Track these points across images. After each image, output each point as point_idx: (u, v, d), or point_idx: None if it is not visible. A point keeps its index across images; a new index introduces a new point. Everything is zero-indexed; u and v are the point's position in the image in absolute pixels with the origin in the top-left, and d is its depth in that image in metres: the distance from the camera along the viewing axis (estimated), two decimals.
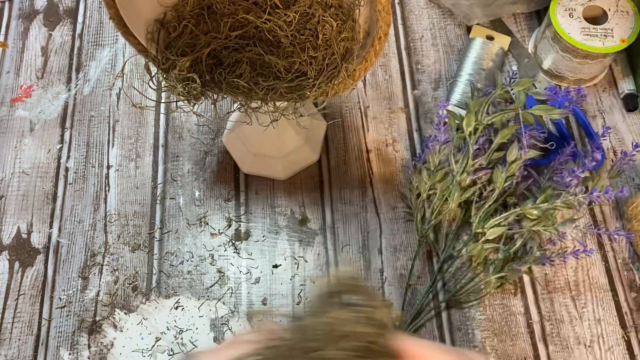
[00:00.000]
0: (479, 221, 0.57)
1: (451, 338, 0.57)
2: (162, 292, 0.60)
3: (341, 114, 0.68)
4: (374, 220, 0.62)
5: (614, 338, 0.57)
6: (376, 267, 0.60)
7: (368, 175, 0.64)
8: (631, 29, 0.63)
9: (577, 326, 0.57)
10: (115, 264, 0.61)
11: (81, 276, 0.60)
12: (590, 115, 0.67)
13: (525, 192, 0.59)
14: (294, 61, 0.42)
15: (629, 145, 0.65)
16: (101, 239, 0.62)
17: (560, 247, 0.60)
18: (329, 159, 0.65)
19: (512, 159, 0.55)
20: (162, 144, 0.67)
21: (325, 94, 0.45)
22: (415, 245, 0.61)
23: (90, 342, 0.58)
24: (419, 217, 0.59)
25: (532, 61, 0.70)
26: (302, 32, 0.42)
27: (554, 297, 0.58)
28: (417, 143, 0.66)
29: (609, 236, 0.61)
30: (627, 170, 0.64)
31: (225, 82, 0.45)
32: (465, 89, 0.66)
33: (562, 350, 0.56)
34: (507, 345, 0.57)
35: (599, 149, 0.58)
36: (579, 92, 0.55)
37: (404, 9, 0.74)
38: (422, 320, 0.58)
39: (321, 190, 0.64)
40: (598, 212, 0.62)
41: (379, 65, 0.70)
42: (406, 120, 0.67)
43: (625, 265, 0.60)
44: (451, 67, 0.70)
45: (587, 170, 0.55)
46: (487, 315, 0.58)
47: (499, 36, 0.70)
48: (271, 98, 0.45)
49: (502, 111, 0.55)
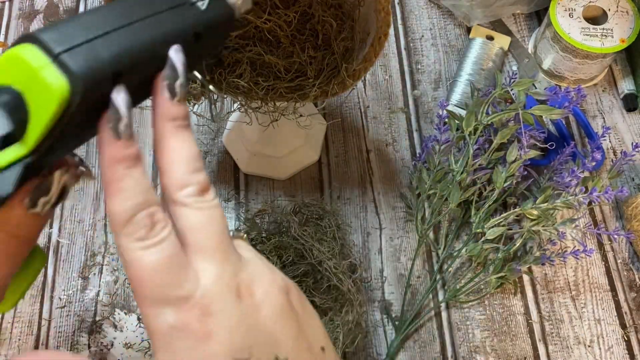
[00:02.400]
0: (478, 221, 0.57)
1: (451, 338, 0.57)
2: None
3: (341, 114, 0.68)
4: (374, 220, 0.62)
5: (614, 338, 0.57)
6: (376, 267, 0.60)
7: (368, 175, 0.64)
8: (631, 29, 0.63)
9: (577, 326, 0.57)
10: (115, 264, 0.61)
11: (81, 276, 0.60)
12: (590, 116, 0.67)
13: (525, 192, 0.59)
14: (294, 61, 0.42)
15: (629, 145, 0.65)
16: (101, 239, 0.62)
17: (560, 247, 0.60)
18: (329, 159, 0.65)
19: (512, 159, 0.55)
20: None
21: (325, 94, 0.45)
22: (415, 245, 0.61)
23: (90, 342, 0.58)
24: (418, 217, 0.59)
25: (532, 61, 0.70)
26: (302, 32, 0.42)
27: (553, 297, 0.58)
28: (417, 143, 0.66)
29: (609, 236, 0.61)
30: (626, 170, 0.64)
31: (225, 82, 0.45)
32: (465, 89, 0.66)
33: (562, 350, 0.56)
34: (507, 345, 0.57)
35: (598, 149, 0.58)
36: (579, 92, 0.55)
37: (404, 9, 0.74)
38: (422, 320, 0.58)
39: (321, 190, 0.64)
40: (598, 212, 0.62)
41: (379, 65, 0.71)
42: (406, 120, 0.67)
43: (625, 265, 0.60)
44: (451, 67, 0.70)
45: (587, 170, 0.55)
46: (486, 315, 0.58)
47: (499, 36, 0.70)
48: (271, 98, 0.45)
49: (502, 111, 0.55)
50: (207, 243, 0.26)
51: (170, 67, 0.26)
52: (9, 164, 0.23)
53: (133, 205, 0.24)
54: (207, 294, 0.25)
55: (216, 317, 0.25)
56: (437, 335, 0.57)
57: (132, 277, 0.24)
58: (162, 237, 0.25)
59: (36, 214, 0.25)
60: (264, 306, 0.26)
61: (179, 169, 0.26)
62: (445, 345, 0.57)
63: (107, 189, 0.25)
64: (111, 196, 0.24)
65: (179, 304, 0.24)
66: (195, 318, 0.24)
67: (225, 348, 0.24)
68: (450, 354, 0.56)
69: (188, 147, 0.26)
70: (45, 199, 0.25)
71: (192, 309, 0.24)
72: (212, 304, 0.25)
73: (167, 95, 0.26)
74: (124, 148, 0.24)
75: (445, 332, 0.57)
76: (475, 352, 0.56)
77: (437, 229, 0.61)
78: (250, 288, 0.26)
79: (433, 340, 0.57)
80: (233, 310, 0.25)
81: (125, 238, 0.24)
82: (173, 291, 0.24)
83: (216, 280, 0.25)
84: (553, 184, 0.56)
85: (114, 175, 0.24)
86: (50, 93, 0.22)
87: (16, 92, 0.23)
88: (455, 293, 0.58)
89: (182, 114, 0.27)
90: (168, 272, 0.24)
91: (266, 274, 0.27)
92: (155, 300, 0.24)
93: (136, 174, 0.25)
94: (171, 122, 0.26)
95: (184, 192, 0.26)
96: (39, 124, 0.22)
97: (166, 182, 0.26)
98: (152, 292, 0.24)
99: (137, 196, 0.24)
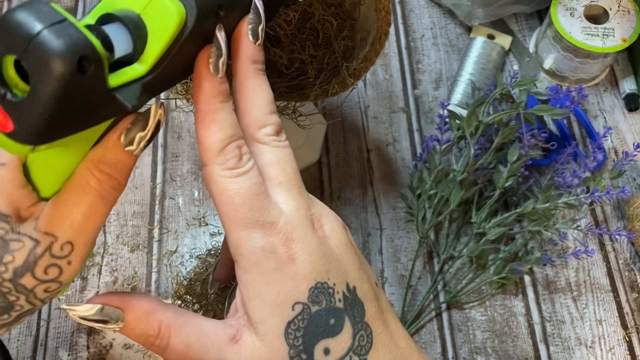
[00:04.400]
0: (479, 221, 0.57)
1: (452, 339, 0.57)
2: (161, 292, 0.59)
3: (341, 114, 0.67)
4: (375, 220, 0.62)
5: (616, 339, 0.56)
6: (377, 267, 0.60)
7: (368, 175, 0.64)
8: (632, 29, 0.63)
9: (578, 327, 0.57)
10: (114, 264, 0.61)
11: (80, 276, 0.60)
12: (592, 115, 0.67)
13: (527, 193, 0.59)
14: (296, 57, 0.42)
15: (631, 145, 0.65)
16: (100, 239, 0.62)
17: (561, 247, 0.60)
18: (329, 159, 0.65)
19: (513, 158, 0.54)
20: (161, 144, 0.66)
21: (325, 94, 0.45)
22: (415, 246, 0.61)
23: (89, 343, 0.57)
24: (419, 217, 0.59)
25: (533, 61, 0.69)
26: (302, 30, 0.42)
27: (555, 298, 0.58)
28: (418, 143, 0.66)
29: (611, 236, 0.60)
30: (628, 171, 0.64)
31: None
32: (466, 88, 0.66)
33: (563, 351, 0.56)
34: (508, 346, 0.56)
35: (600, 149, 0.58)
36: (580, 91, 0.55)
37: (405, 8, 0.74)
38: (423, 321, 0.57)
39: (321, 190, 0.64)
40: (599, 212, 0.62)
41: (379, 64, 0.70)
42: (407, 120, 0.67)
43: (627, 266, 0.59)
44: (452, 67, 0.70)
45: (589, 170, 0.55)
46: (488, 316, 0.58)
47: (500, 36, 0.70)
48: None
49: (503, 111, 0.55)
50: (285, 178, 0.28)
51: (255, 11, 0.28)
52: (131, 81, 0.24)
53: (226, 136, 0.27)
54: (289, 221, 0.27)
55: (298, 243, 0.27)
56: (437, 336, 0.57)
57: (224, 202, 0.27)
58: (249, 166, 0.27)
59: (131, 152, 0.27)
60: (332, 238, 0.29)
61: (259, 109, 0.28)
62: (446, 346, 0.56)
63: (202, 120, 0.27)
64: (206, 127, 0.27)
65: (267, 228, 0.27)
66: (281, 242, 0.27)
67: (307, 270, 0.27)
68: (451, 355, 0.56)
69: (266, 90, 0.29)
70: (142, 134, 0.26)
71: (278, 234, 0.27)
72: (295, 230, 0.27)
73: (252, 38, 0.28)
74: (221, 83, 0.27)
75: (446, 333, 0.57)
76: (476, 353, 0.56)
77: (438, 230, 0.61)
78: (320, 221, 0.29)
79: (434, 341, 0.57)
80: (312, 238, 0.27)
81: (218, 167, 0.26)
82: (262, 216, 0.26)
83: (295, 210, 0.28)
84: (554, 184, 0.56)
85: (211, 107, 0.27)
86: (169, 15, 0.24)
87: (136, 15, 0.25)
88: (456, 294, 0.57)
89: (262, 59, 0.29)
90: (257, 198, 0.27)
91: (330, 212, 0.30)
92: (246, 224, 0.26)
93: (228, 108, 0.27)
94: (254, 65, 0.28)
95: (263, 131, 0.28)
96: (157, 44, 0.25)
97: (247, 121, 0.28)
98: (245, 216, 0.26)
99: (229, 128, 0.27)
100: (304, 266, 0.27)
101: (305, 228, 0.27)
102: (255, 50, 0.28)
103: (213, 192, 0.27)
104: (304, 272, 0.27)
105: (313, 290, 0.27)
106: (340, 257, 0.28)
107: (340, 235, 0.29)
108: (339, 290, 0.27)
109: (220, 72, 0.27)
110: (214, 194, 0.27)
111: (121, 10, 0.25)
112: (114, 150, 0.26)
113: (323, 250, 0.28)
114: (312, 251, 0.27)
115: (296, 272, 0.27)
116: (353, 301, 0.28)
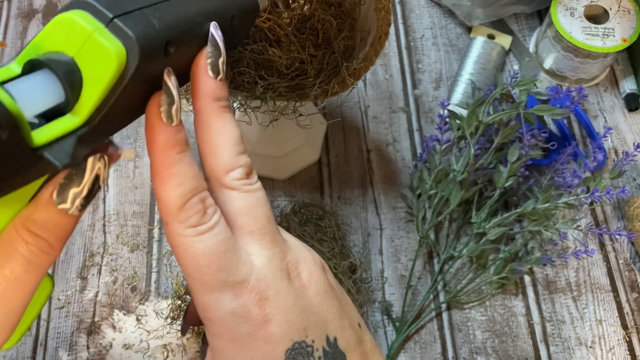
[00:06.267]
0: (480, 221, 0.56)
1: (452, 339, 0.57)
2: (161, 292, 0.59)
3: (341, 114, 0.67)
4: (375, 220, 0.62)
5: (616, 339, 0.56)
6: (377, 267, 0.60)
7: (368, 175, 0.64)
8: (633, 29, 0.63)
9: (579, 327, 0.57)
10: (114, 264, 0.61)
11: (80, 276, 0.60)
12: (592, 115, 0.67)
13: (527, 192, 0.59)
14: (295, 57, 0.42)
15: (631, 145, 0.65)
16: (100, 239, 0.62)
17: (561, 247, 0.60)
18: (329, 158, 0.65)
19: (513, 158, 0.54)
20: None
21: (325, 93, 0.45)
22: (415, 246, 0.60)
23: (89, 343, 0.57)
24: (419, 217, 0.59)
25: (533, 61, 0.69)
26: (302, 30, 0.42)
27: (555, 298, 0.58)
28: (418, 143, 0.66)
29: (611, 236, 0.60)
30: (628, 171, 0.64)
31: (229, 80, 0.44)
32: (466, 88, 0.66)
33: (563, 351, 0.56)
34: (508, 346, 0.56)
35: (600, 149, 0.58)
36: (580, 91, 0.55)
37: (405, 8, 0.74)
38: (423, 321, 0.57)
39: (321, 190, 0.63)
40: (599, 212, 0.62)
41: (379, 64, 0.70)
42: (407, 119, 0.67)
43: (627, 266, 0.59)
44: (452, 67, 0.70)
45: (589, 170, 0.55)
46: (488, 316, 0.57)
47: (500, 35, 0.70)
48: (271, 97, 0.45)
49: (504, 111, 0.54)
50: (257, 226, 0.26)
51: (213, 43, 0.25)
52: (62, 135, 0.21)
53: (186, 191, 0.24)
54: (262, 277, 0.25)
55: (273, 301, 0.25)
56: (438, 336, 0.57)
57: (188, 264, 0.24)
58: (215, 221, 0.24)
59: (65, 211, 0.23)
60: (311, 287, 0.26)
61: (225, 151, 0.26)
62: (446, 346, 0.56)
63: (159, 175, 0.24)
64: (163, 183, 0.24)
65: (238, 288, 0.24)
66: (254, 303, 0.24)
67: (283, 331, 0.25)
68: (451, 355, 0.56)
69: (232, 129, 0.26)
70: (76, 189, 0.23)
71: (250, 293, 0.24)
72: (268, 287, 0.25)
73: (211, 73, 0.25)
74: (177, 132, 0.24)
75: (446, 333, 0.57)
76: (476, 353, 0.56)
77: (438, 230, 0.61)
78: (297, 269, 0.26)
79: (434, 341, 0.57)
80: (287, 293, 0.25)
81: (179, 225, 0.24)
82: (231, 276, 0.24)
83: (268, 263, 0.25)
84: (554, 184, 0.56)
85: (166, 161, 0.24)
86: (107, 57, 0.21)
87: (69, 58, 0.21)
88: (456, 294, 0.57)
89: (225, 94, 0.26)
90: (225, 257, 0.24)
91: (307, 254, 0.28)
92: (214, 286, 0.24)
93: (187, 158, 0.24)
94: (216, 102, 0.26)
95: (232, 175, 0.26)
96: (94, 92, 0.21)
97: (213, 165, 0.26)
98: (211, 278, 0.24)
99: (189, 181, 0.24)
100: (279, 327, 0.25)
101: (280, 282, 0.25)
102: (217, 87, 0.25)
103: (175, 253, 0.24)
104: (279, 333, 0.25)
105: (290, 352, 0.25)
106: (319, 308, 0.26)
107: (318, 281, 0.27)
108: (318, 346, 0.26)
109: (175, 120, 0.24)
110: (176, 255, 0.24)
111: (50, 53, 0.21)
112: (45, 208, 0.22)
113: (300, 304, 0.25)
114: (287, 308, 0.25)
115: (271, 334, 0.24)
116: (334, 355, 0.26)
